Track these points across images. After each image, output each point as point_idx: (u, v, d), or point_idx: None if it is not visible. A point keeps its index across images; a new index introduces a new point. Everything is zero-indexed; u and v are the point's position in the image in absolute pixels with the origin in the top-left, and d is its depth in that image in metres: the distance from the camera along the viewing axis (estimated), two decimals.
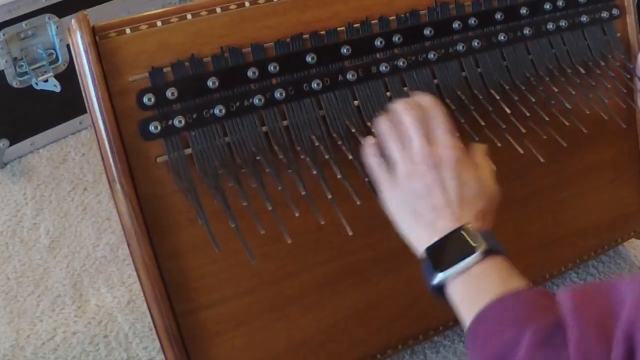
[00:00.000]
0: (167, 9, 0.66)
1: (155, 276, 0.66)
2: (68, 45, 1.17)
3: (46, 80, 1.17)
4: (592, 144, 0.88)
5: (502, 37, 0.78)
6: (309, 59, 0.69)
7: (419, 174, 0.62)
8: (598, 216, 0.92)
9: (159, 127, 0.64)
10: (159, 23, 0.65)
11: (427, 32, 0.74)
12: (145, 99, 0.64)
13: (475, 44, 0.76)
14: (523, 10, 0.79)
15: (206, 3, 0.67)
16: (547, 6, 0.81)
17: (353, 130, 0.70)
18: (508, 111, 0.75)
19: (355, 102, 0.71)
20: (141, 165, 0.65)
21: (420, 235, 0.61)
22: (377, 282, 0.78)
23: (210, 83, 0.65)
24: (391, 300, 0.80)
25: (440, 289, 0.59)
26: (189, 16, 0.66)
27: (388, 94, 0.72)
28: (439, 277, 0.58)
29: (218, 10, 0.67)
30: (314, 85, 0.69)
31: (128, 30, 0.64)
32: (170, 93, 0.64)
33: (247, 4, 0.68)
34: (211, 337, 0.71)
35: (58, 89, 1.18)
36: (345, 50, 0.70)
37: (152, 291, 0.66)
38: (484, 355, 0.52)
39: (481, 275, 0.57)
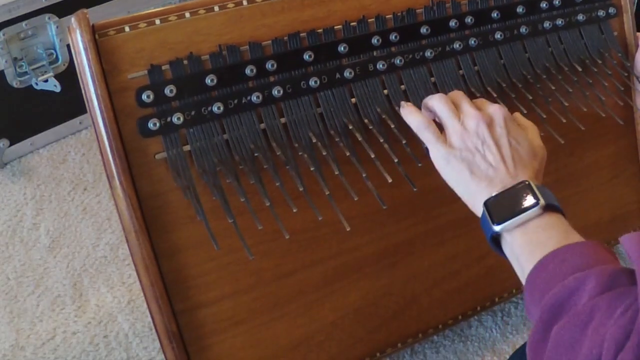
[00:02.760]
0: (166, 7, 0.66)
1: (155, 273, 0.66)
2: (68, 45, 1.17)
3: (46, 80, 1.17)
4: (591, 142, 0.88)
5: (499, 36, 0.78)
6: (306, 57, 0.69)
7: (472, 132, 0.64)
8: (597, 214, 0.92)
9: (158, 124, 0.65)
10: (157, 21, 0.65)
11: (423, 30, 0.74)
12: (144, 97, 0.64)
13: (472, 42, 0.77)
14: (520, 9, 0.79)
15: (204, 2, 0.67)
16: (544, 5, 0.81)
17: (350, 128, 0.70)
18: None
19: (353, 100, 0.72)
20: (140, 162, 0.65)
21: (477, 191, 0.62)
22: (376, 279, 0.78)
23: (208, 81, 0.66)
24: (390, 298, 0.80)
25: (498, 242, 0.60)
26: (188, 15, 0.66)
27: (385, 91, 0.73)
28: (497, 229, 0.59)
29: (216, 8, 0.67)
30: (312, 83, 0.70)
31: (127, 29, 0.64)
32: (169, 90, 0.65)
33: (245, 2, 0.68)
34: (210, 335, 0.71)
35: (58, 89, 1.19)
36: (342, 49, 0.71)
37: (151, 288, 0.66)
38: (544, 303, 0.52)
39: (541, 229, 0.58)
